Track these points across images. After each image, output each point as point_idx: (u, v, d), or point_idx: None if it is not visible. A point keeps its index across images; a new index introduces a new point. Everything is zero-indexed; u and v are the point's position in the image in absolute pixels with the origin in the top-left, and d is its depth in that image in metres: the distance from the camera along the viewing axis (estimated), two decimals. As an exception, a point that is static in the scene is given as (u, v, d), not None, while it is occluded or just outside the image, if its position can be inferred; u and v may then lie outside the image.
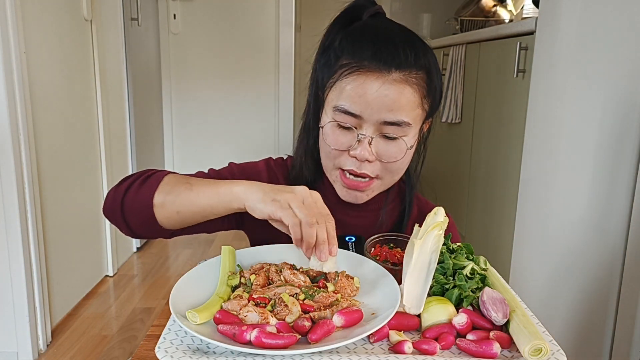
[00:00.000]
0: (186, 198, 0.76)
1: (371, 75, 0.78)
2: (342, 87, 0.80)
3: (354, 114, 0.79)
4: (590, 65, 1.46)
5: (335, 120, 0.81)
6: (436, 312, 0.66)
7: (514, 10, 3.01)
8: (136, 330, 2.08)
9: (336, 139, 0.82)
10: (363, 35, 0.83)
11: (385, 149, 0.82)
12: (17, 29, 1.73)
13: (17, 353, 1.86)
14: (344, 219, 0.90)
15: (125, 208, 0.79)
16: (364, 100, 0.78)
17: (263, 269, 0.74)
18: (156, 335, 0.64)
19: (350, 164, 0.82)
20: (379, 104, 0.78)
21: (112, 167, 2.51)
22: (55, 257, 2.05)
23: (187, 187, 0.77)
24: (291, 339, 0.59)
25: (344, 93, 0.80)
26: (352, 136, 0.81)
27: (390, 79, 0.78)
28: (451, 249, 0.75)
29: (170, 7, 3.21)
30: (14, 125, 1.73)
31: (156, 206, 0.77)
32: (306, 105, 0.92)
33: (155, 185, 0.78)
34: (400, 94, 0.79)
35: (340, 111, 0.80)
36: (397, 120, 0.79)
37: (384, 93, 0.78)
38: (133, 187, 0.79)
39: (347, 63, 0.80)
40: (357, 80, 0.79)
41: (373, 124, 0.80)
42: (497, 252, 1.88)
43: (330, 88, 0.83)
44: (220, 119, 3.37)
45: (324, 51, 0.86)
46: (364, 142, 0.80)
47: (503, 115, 1.88)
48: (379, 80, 0.78)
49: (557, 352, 0.60)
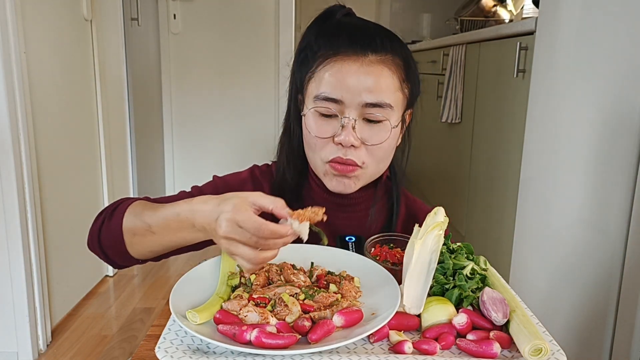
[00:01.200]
0: (152, 241, 0.76)
1: (348, 60, 0.80)
2: (321, 76, 0.81)
3: (334, 99, 0.79)
4: (590, 65, 1.46)
5: (317, 109, 0.81)
6: (436, 312, 0.66)
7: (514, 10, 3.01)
8: (136, 330, 2.08)
9: (319, 127, 0.82)
10: (338, 29, 0.84)
11: (370, 132, 0.81)
12: (17, 29, 1.73)
13: (17, 353, 1.86)
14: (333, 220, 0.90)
15: (102, 244, 0.82)
16: (343, 85, 0.79)
17: (263, 269, 0.74)
18: (156, 335, 0.64)
19: (336, 151, 0.82)
20: (358, 86, 0.79)
21: (112, 167, 2.51)
22: (55, 257, 2.05)
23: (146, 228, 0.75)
24: (291, 339, 0.59)
25: (323, 81, 0.81)
26: (335, 123, 0.81)
27: (367, 61, 0.80)
28: (451, 249, 0.75)
29: (170, 7, 3.21)
30: (14, 126, 1.73)
31: (127, 243, 0.79)
32: (286, 111, 0.93)
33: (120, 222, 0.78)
34: (378, 75, 0.80)
35: (321, 99, 0.80)
36: (378, 102, 0.80)
37: (362, 75, 0.79)
38: (104, 224, 0.81)
39: (323, 54, 0.82)
40: (334, 67, 0.80)
41: (355, 107, 0.80)
42: (497, 252, 1.88)
43: (309, 81, 0.84)
44: (220, 119, 3.37)
45: (301, 52, 0.87)
46: (348, 126, 0.80)
47: (503, 115, 1.88)
48: (357, 63, 0.79)
49: (557, 352, 0.60)
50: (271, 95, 3.35)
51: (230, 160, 3.39)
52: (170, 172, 3.41)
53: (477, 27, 2.97)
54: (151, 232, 0.75)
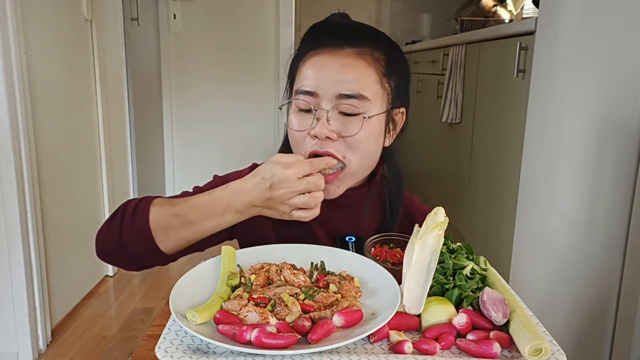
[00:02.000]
0: (190, 231, 0.78)
1: (325, 53, 0.81)
2: (302, 71, 0.83)
3: (310, 92, 0.80)
4: (590, 65, 1.46)
5: (296, 103, 0.82)
6: (436, 312, 0.66)
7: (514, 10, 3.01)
8: (136, 330, 2.08)
9: (297, 122, 0.83)
10: (324, 28, 0.86)
11: (346, 125, 0.80)
12: (17, 29, 1.73)
13: (17, 353, 1.86)
14: (328, 219, 0.91)
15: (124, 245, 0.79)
16: (319, 76, 0.80)
17: (263, 269, 0.74)
18: (156, 335, 0.64)
19: (313, 145, 0.81)
20: (332, 76, 0.79)
21: (112, 167, 2.51)
22: (55, 257, 2.05)
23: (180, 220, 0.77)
24: (291, 339, 0.59)
25: (301, 75, 0.82)
26: (310, 116, 0.81)
27: (343, 53, 0.80)
28: (451, 249, 0.75)
29: (170, 7, 3.21)
30: (14, 126, 1.73)
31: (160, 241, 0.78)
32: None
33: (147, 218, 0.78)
34: (353, 66, 0.80)
35: (299, 93, 0.81)
36: (353, 93, 0.79)
37: (337, 66, 0.79)
38: (125, 224, 0.79)
39: (305, 50, 0.84)
40: (311, 60, 0.82)
41: (329, 99, 0.80)
42: (497, 252, 1.88)
43: (294, 79, 0.85)
44: (220, 119, 3.37)
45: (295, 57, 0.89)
46: (322, 119, 0.80)
47: (503, 115, 1.88)
48: (333, 56, 0.80)
49: (557, 352, 0.60)
50: (271, 95, 3.35)
51: (230, 159, 3.39)
52: (170, 171, 3.41)
53: (477, 27, 2.97)
54: (189, 222, 0.77)
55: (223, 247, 0.79)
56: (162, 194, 3.34)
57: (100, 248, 0.82)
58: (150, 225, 0.77)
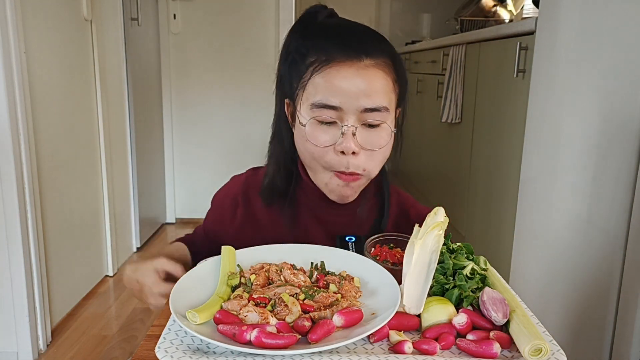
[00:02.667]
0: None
1: (343, 65, 0.78)
2: (316, 82, 0.79)
3: (333, 106, 0.78)
4: (590, 65, 1.46)
5: (315, 118, 0.80)
6: (436, 312, 0.66)
7: (514, 10, 3.02)
8: (136, 330, 2.08)
9: (318, 136, 0.80)
10: (326, 32, 0.84)
11: (369, 137, 0.81)
12: (17, 29, 1.73)
13: (17, 353, 1.86)
14: (326, 218, 0.92)
15: None
16: (341, 91, 0.78)
17: (263, 269, 0.74)
18: (156, 335, 0.64)
19: (337, 162, 0.81)
20: (355, 91, 0.78)
21: (112, 167, 2.51)
22: (55, 257, 2.05)
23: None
24: (291, 339, 0.59)
25: (319, 88, 0.79)
26: (334, 131, 0.80)
27: (362, 65, 0.79)
28: (451, 249, 0.75)
29: (170, 7, 3.21)
30: (14, 126, 1.73)
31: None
32: (274, 115, 0.92)
33: None
34: (374, 79, 0.79)
35: (319, 106, 0.79)
36: (376, 106, 0.79)
37: (358, 79, 0.78)
38: None
39: (315, 59, 0.80)
40: (330, 73, 0.79)
41: (353, 113, 0.79)
42: (497, 252, 1.88)
43: (304, 88, 0.82)
44: (220, 119, 3.37)
45: (288, 56, 0.86)
46: (348, 134, 0.79)
47: (503, 115, 1.88)
48: (352, 68, 0.78)
49: (557, 352, 0.60)
50: (271, 94, 3.34)
51: (230, 159, 3.39)
52: (170, 171, 3.41)
53: (477, 27, 2.98)
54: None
55: (223, 247, 0.79)
56: (161, 194, 3.35)
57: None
58: None
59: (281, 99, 0.90)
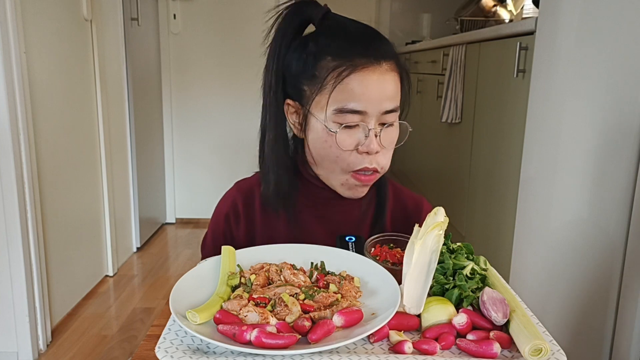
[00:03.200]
0: None
1: (367, 70, 0.81)
2: (341, 88, 0.80)
3: (359, 111, 0.81)
4: (590, 65, 1.46)
5: (341, 122, 0.81)
6: (436, 312, 0.66)
7: (514, 10, 3.02)
8: (136, 330, 2.08)
9: (344, 140, 0.82)
10: (339, 35, 0.84)
11: (387, 136, 0.84)
12: (17, 29, 1.73)
13: (17, 353, 1.86)
14: (326, 214, 0.93)
15: None
16: (367, 96, 0.80)
17: (263, 269, 0.74)
18: (156, 335, 0.64)
19: (361, 161, 0.83)
20: (379, 95, 0.81)
21: (112, 167, 2.51)
22: (55, 257, 2.05)
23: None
24: (291, 339, 0.59)
25: (345, 93, 0.80)
26: (357, 133, 0.82)
27: (382, 70, 0.82)
28: (451, 249, 0.75)
29: (170, 7, 3.21)
30: (14, 126, 1.73)
31: None
32: (268, 117, 0.93)
33: None
34: (392, 82, 0.83)
35: (346, 112, 0.81)
36: (394, 108, 0.83)
37: (381, 84, 0.81)
38: None
39: (338, 64, 0.80)
40: (356, 79, 0.80)
41: (375, 115, 0.82)
42: (497, 252, 1.88)
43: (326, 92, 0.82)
44: (220, 119, 3.37)
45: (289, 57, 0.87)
46: (372, 135, 0.82)
47: (503, 115, 1.88)
48: (375, 73, 0.81)
49: (557, 352, 0.60)
50: (271, 95, 3.35)
51: (230, 160, 3.39)
52: (170, 171, 3.41)
53: (477, 27, 2.97)
54: None
55: (223, 247, 0.79)
56: (161, 194, 3.34)
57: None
58: None
59: (278, 100, 0.90)
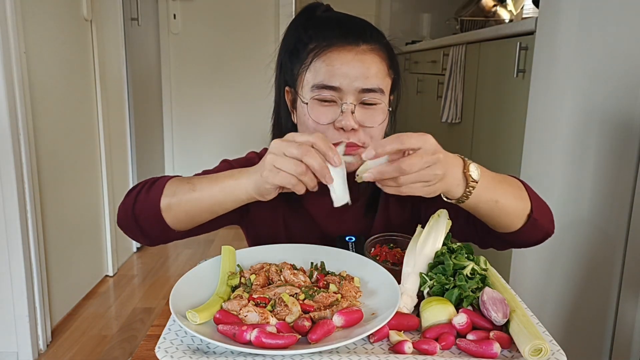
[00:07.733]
0: (192, 198, 0.78)
1: (342, 50, 0.85)
2: (317, 66, 0.85)
3: (333, 86, 0.83)
4: (590, 65, 1.46)
5: (316, 97, 0.84)
6: (436, 312, 0.66)
7: (514, 10, 3.01)
8: (136, 330, 2.08)
9: (320, 115, 0.85)
10: (326, 23, 0.90)
11: (367, 115, 0.85)
12: (17, 29, 1.73)
13: (17, 353, 1.86)
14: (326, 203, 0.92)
15: (136, 216, 0.81)
16: (341, 72, 0.83)
17: (263, 269, 0.74)
18: (156, 335, 0.64)
19: (338, 137, 0.84)
20: (354, 72, 0.83)
21: (112, 167, 2.51)
22: (55, 257, 2.05)
23: (189, 187, 0.79)
24: (291, 339, 0.59)
25: (320, 70, 0.85)
26: (334, 109, 0.84)
27: (360, 50, 0.85)
28: (451, 249, 0.75)
29: (170, 7, 3.21)
30: (14, 126, 1.73)
31: (164, 210, 0.79)
32: (274, 105, 0.97)
33: (160, 190, 0.80)
34: (371, 62, 0.85)
35: (320, 87, 0.84)
36: (372, 87, 0.84)
37: (357, 62, 0.84)
38: (141, 195, 0.82)
39: (316, 46, 0.86)
40: (330, 57, 0.85)
41: (352, 93, 0.84)
42: (497, 252, 1.88)
43: (303, 73, 0.87)
44: (220, 119, 3.37)
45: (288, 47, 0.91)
46: (347, 111, 0.83)
47: (503, 115, 1.88)
48: (351, 52, 0.84)
49: (557, 352, 0.60)
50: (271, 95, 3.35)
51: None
52: (170, 171, 3.41)
53: (477, 27, 2.97)
54: (193, 190, 0.78)
55: (223, 247, 0.79)
56: (162, 194, 3.34)
57: (119, 216, 0.85)
58: (162, 196, 0.79)
59: (281, 88, 0.94)
